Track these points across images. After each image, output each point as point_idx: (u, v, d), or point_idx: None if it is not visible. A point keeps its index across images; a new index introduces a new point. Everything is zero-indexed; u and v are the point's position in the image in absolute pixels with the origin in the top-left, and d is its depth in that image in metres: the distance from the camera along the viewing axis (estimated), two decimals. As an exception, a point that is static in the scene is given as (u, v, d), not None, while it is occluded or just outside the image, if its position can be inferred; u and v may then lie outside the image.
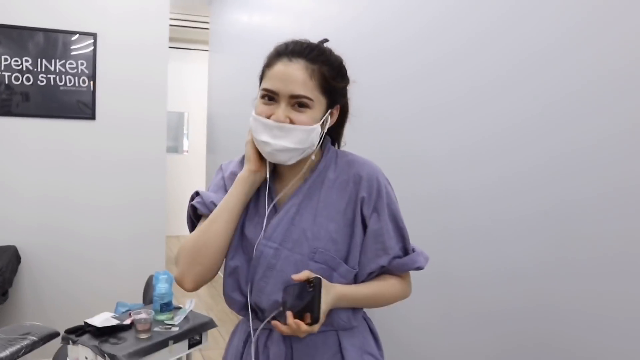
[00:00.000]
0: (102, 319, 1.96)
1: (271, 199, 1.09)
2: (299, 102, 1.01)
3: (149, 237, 3.46)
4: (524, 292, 1.40)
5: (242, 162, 1.15)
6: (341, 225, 1.05)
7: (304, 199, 1.07)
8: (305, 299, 0.95)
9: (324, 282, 0.98)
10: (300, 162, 1.07)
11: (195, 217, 1.14)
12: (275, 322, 0.97)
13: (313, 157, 1.08)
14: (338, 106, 1.10)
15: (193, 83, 6.91)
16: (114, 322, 1.96)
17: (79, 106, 3.25)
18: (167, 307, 2.10)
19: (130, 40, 3.33)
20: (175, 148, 7.27)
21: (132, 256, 3.37)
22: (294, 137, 1.00)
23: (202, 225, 1.06)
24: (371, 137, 2.10)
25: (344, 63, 1.10)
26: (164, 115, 3.48)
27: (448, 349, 1.72)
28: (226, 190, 1.11)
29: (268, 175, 1.09)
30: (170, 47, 6.41)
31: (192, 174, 7.01)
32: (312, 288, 0.94)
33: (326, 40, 1.11)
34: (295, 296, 0.97)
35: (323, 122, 1.05)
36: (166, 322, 2.05)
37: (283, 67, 1.02)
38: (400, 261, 1.08)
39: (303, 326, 0.94)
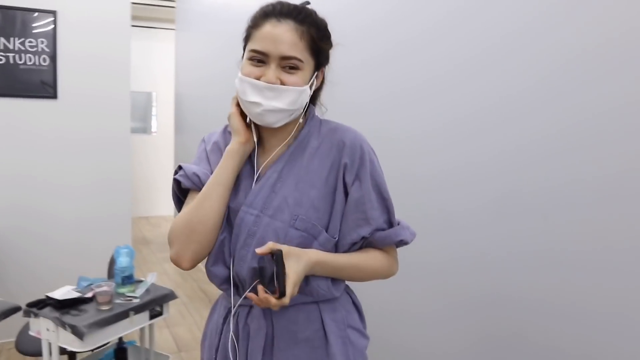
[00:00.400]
0: (64, 292, 2.01)
1: (255, 167, 1.08)
2: (289, 64, 0.99)
3: (114, 217, 3.47)
4: (495, 279, 1.42)
5: (224, 132, 1.15)
6: (323, 193, 1.03)
7: (286, 166, 1.05)
8: (271, 272, 0.92)
9: (294, 250, 0.97)
10: (285, 128, 1.06)
11: (179, 192, 1.12)
12: (249, 294, 0.95)
13: (301, 120, 1.08)
14: (322, 69, 1.09)
15: (161, 63, 6.85)
16: (75, 294, 2.02)
17: (41, 85, 3.23)
18: (129, 280, 2.16)
19: (92, 18, 3.30)
20: (143, 129, 7.22)
21: (97, 236, 3.39)
22: (286, 98, 0.99)
23: (194, 202, 1.03)
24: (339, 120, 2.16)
25: (327, 25, 1.09)
26: (128, 94, 3.47)
27: (424, 335, 1.75)
28: (209, 162, 1.11)
29: (256, 143, 1.08)
30: (137, 26, 6.42)
31: (160, 155, 6.99)
32: (275, 261, 0.91)
33: (308, 3, 1.09)
34: (264, 269, 0.95)
35: (311, 84, 1.04)
36: (127, 294, 2.11)
37: (272, 28, 0.99)
38: (383, 233, 1.05)
39: (272, 300, 0.91)
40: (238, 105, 1.08)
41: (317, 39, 1.02)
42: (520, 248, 1.35)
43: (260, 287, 0.94)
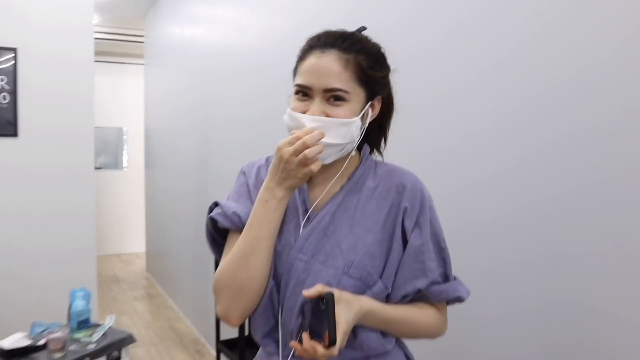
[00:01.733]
0: (13, 340, 1.91)
1: (304, 207, 0.99)
2: (334, 96, 0.93)
3: (77, 254, 3.36)
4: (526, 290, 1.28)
5: (263, 162, 1.08)
6: (380, 238, 0.95)
7: (339, 208, 0.97)
8: (320, 317, 0.83)
9: (345, 295, 0.89)
10: (335, 164, 0.98)
11: (215, 231, 1.04)
12: (293, 342, 0.86)
13: (353, 153, 1.00)
14: (380, 98, 1.00)
15: (132, 97, 6.80)
16: (27, 342, 1.91)
17: (0, 123, 3.15)
18: (85, 324, 2.06)
19: (53, 54, 3.27)
20: (115, 164, 7.11)
21: (59, 273, 3.28)
22: (333, 131, 0.92)
23: (239, 256, 0.93)
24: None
25: (382, 50, 1.00)
26: (91, 129, 3.41)
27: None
28: (251, 199, 1.01)
29: (305, 184, 0.99)
30: (107, 62, 6.38)
31: (132, 190, 6.87)
32: (324, 305, 0.83)
33: (364, 29, 1.03)
34: (310, 314, 0.86)
35: (363, 115, 0.96)
36: (83, 339, 2.01)
37: (315, 60, 0.94)
38: (440, 288, 0.96)
39: (320, 349, 0.82)
40: None
41: (367, 67, 0.95)
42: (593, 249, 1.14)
43: (305, 335, 0.85)
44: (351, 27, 1.00)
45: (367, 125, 0.98)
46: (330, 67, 0.92)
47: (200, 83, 3.77)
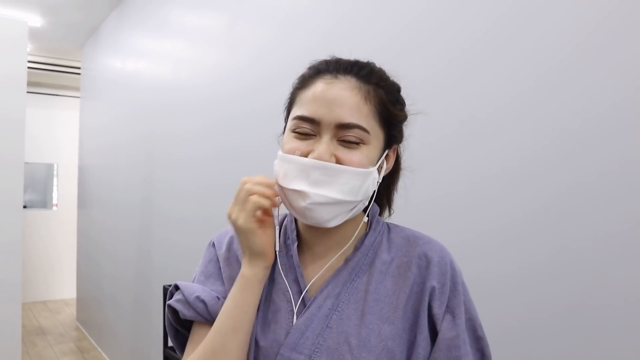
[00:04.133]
0: None
1: (297, 288, 0.77)
2: (350, 136, 0.71)
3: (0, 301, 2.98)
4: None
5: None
6: (400, 329, 0.73)
7: (345, 289, 0.75)
8: None
9: None
10: (339, 231, 0.77)
11: (177, 322, 0.82)
12: None
13: (365, 219, 0.78)
14: (395, 148, 0.80)
15: (64, 132, 6.39)
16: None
17: None
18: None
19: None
20: (43, 202, 6.59)
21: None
22: (344, 184, 0.70)
23: (205, 355, 0.72)
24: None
25: (401, 90, 0.80)
26: (21, 165, 3.10)
27: None
28: (222, 278, 0.81)
29: (293, 251, 0.78)
30: (37, 93, 5.98)
31: (62, 231, 6.37)
32: None
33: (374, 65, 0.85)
34: None
35: (379, 167, 0.75)
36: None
37: (326, 87, 0.72)
38: None
39: None
40: (265, 211, 0.75)
41: (388, 103, 0.74)
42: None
43: None
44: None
45: (380, 180, 0.76)
46: (346, 97, 0.71)
47: (143, 117, 3.56)
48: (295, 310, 0.75)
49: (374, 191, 0.76)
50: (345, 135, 0.71)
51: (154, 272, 3.25)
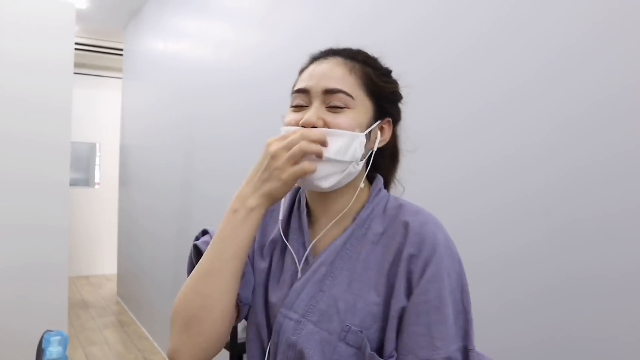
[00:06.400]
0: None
1: (304, 252, 0.84)
2: (336, 101, 0.78)
3: (48, 272, 3.09)
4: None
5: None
6: (384, 295, 0.77)
7: (339, 257, 0.80)
8: None
9: None
10: (339, 198, 0.83)
11: (197, 261, 0.89)
12: None
13: (362, 184, 0.83)
14: (389, 121, 0.85)
15: (106, 112, 6.54)
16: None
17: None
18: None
19: (31, 60, 3.04)
20: (86, 181, 6.80)
21: (28, 294, 3.00)
22: (331, 145, 0.75)
23: (195, 279, 0.78)
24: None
25: (391, 72, 0.88)
26: (68, 143, 3.19)
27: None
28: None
29: (305, 220, 0.85)
30: (81, 74, 6.14)
31: (104, 209, 6.56)
32: None
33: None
34: None
35: (370, 132, 0.81)
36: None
37: (315, 66, 0.82)
38: None
39: None
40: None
41: (375, 77, 0.82)
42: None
43: None
44: (350, 44, 0.88)
45: (374, 150, 0.82)
46: (331, 69, 0.80)
47: (184, 99, 3.60)
48: (299, 272, 0.82)
49: (369, 161, 0.82)
50: (331, 100, 0.79)
51: (193, 251, 3.31)
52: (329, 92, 0.78)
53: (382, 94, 0.83)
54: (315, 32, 2.03)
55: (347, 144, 0.77)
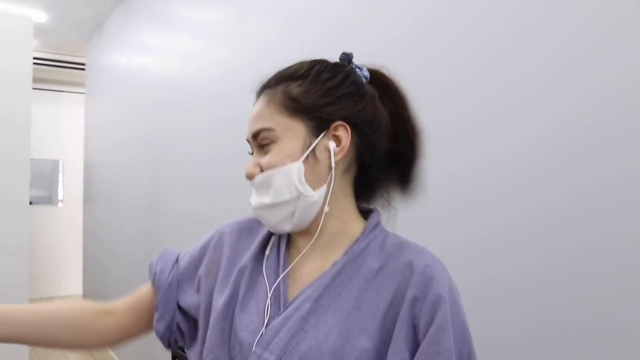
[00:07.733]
0: None
1: (279, 284, 0.75)
2: (261, 141, 0.75)
3: (7, 296, 2.95)
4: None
5: (240, 222, 0.88)
6: (377, 341, 0.68)
7: (326, 293, 0.72)
8: None
9: None
10: (322, 232, 0.75)
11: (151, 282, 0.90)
12: None
13: (327, 208, 0.74)
14: (340, 124, 0.74)
15: (70, 128, 6.37)
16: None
17: None
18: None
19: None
20: (49, 199, 6.58)
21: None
22: (270, 189, 0.73)
23: None
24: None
25: (336, 68, 0.77)
26: (27, 161, 3.08)
27: None
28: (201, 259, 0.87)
29: (275, 242, 0.81)
30: (42, 89, 5.96)
31: (68, 227, 6.35)
32: None
33: (346, 56, 0.79)
34: None
35: (315, 151, 0.73)
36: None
37: (253, 109, 0.80)
38: None
39: None
40: None
41: (300, 92, 0.73)
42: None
43: None
44: (321, 55, 0.81)
45: (333, 163, 0.73)
46: (257, 110, 0.77)
47: (150, 114, 3.53)
48: (269, 308, 0.73)
49: (330, 178, 0.73)
50: (259, 142, 0.76)
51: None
52: (254, 136, 0.76)
53: (311, 102, 0.73)
54: (285, 44, 2.01)
55: (282, 181, 0.72)
